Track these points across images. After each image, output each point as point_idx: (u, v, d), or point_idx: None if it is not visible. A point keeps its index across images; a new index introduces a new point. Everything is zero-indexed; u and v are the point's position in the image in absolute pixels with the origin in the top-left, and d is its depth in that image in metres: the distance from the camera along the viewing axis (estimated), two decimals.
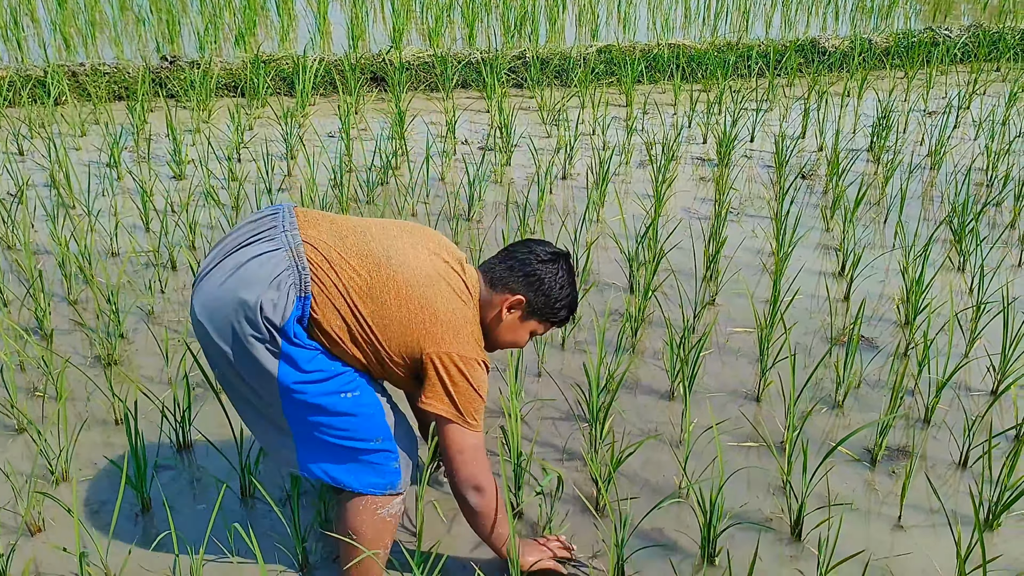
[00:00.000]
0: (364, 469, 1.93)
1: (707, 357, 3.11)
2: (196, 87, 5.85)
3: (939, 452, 2.62)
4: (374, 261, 1.86)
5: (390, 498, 1.97)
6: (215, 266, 1.86)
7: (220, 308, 1.81)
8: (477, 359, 1.90)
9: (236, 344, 1.81)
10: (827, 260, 3.86)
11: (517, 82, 6.57)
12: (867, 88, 6.32)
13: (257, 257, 1.82)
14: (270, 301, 1.78)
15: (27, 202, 4.33)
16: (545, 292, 2.00)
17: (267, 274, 1.79)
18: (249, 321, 1.78)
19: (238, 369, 1.85)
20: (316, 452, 1.92)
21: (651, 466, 2.55)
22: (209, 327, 1.83)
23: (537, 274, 1.99)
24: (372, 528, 1.96)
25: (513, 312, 2.01)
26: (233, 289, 1.80)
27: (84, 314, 3.39)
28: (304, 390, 1.83)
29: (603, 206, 4.34)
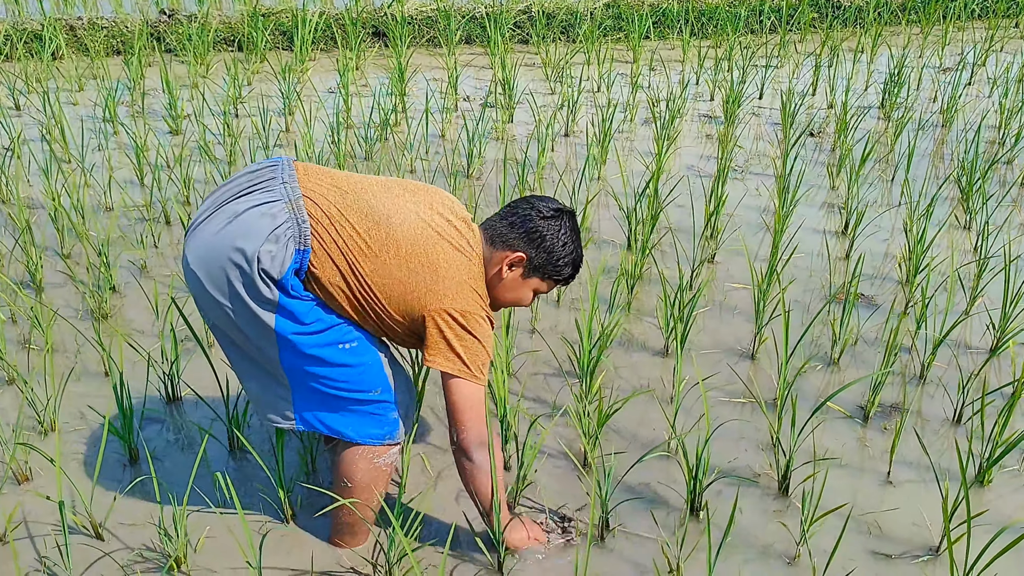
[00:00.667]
0: (363, 420, 1.92)
1: (704, 314, 3.07)
2: (193, 41, 5.78)
3: (933, 409, 2.58)
4: (374, 218, 1.81)
5: (387, 448, 1.96)
6: (210, 215, 1.81)
7: (215, 258, 1.77)
8: (480, 314, 1.85)
9: (232, 294, 1.78)
10: (832, 218, 3.79)
11: (523, 38, 6.46)
12: (881, 44, 6.17)
13: (256, 207, 1.77)
14: (268, 253, 1.73)
15: (22, 157, 4.31)
16: (547, 249, 1.93)
17: (266, 225, 1.75)
18: (245, 272, 1.75)
19: (234, 319, 1.81)
20: (313, 403, 1.90)
21: (642, 422, 2.53)
22: (203, 277, 1.79)
23: (539, 230, 1.92)
24: (367, 476, 1.96)
25: (514, 270, 1.94)
26: (230, 239, 1.76)
27: (76, 268, 3.37)
28: (302, 341, 1.81)
29: (604, 163, 4.27)
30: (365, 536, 2.08)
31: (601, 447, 2.41)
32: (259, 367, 1.91)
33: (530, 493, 2.25)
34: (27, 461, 2.33)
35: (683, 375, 2.72)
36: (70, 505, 2.20)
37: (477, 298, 1.86)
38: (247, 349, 1.88)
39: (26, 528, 2.14)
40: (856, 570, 2.01)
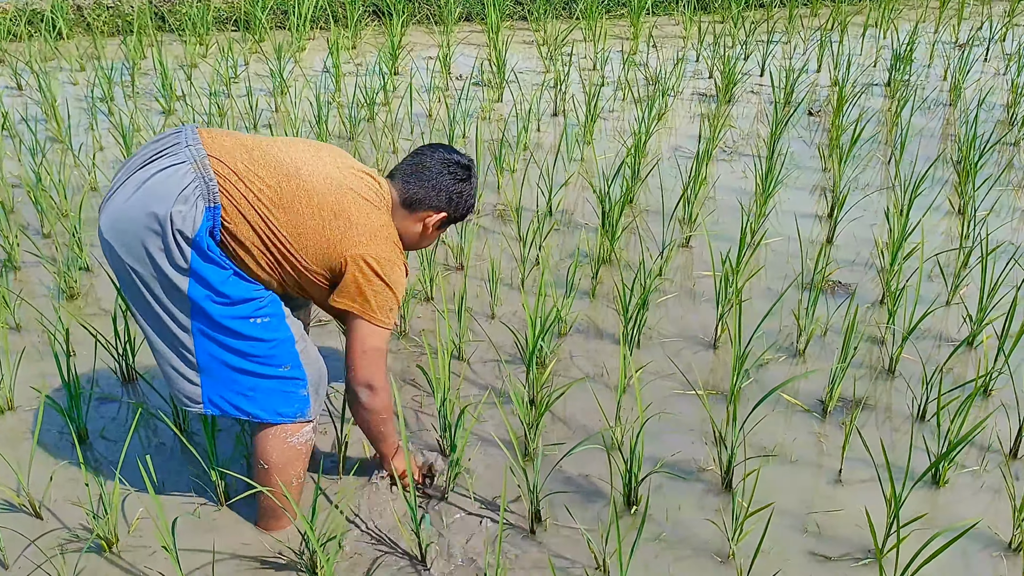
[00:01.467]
0: (271, 398, 1.93)
1: (670, 301, 2.99)
2: (194, 21, 5.77)
3: (898, 405, 2.49)
4: (283, 171, 1.85)
5: (299, 426, 1.98)
6: (120, 186, 1.82)
7: (129, 226, 1.78)
8: (397, 261, 1.94)
9: (147, 261, 1.79)
10: (820, 201, 3.67)
11: (523, 15, 6.35)
12: (896, 18, 5.95)
13: (163, 171, 1.78)
14: (179, 213, 1.75)
15: (16, 136, 4.35)
16: (463, 206, 2.12)
17: (174, 186, 1.76)
18: (159, 235, 1.76)
19: (150, 288, 1.82)
20: (222, 383, 1.90)
21: (589, 412, 2.48)
22: (117, 246, 1.80)
23: (459, 192, 2.08)
24: (282, 456, 1.97)
25: (435, 228, 2.11)
26: (141, 205, 1.77)
27: (53, 248, 3.40)
28: (214, 311, 1.82)
29: (589, 143, 4.18)
30: (290, 520, 2.07)
31: (544, 437, 2.37)
32: (172, 346, 1.89)
33: (464, 481, 2.21)
34: None
35: (643, 363, 2.67)
36: (12, 484, 2.22)
37: (392, 246, 1.95)
38: (160, 326, 1.87)
39: None
40: (789, 571, 1.95)
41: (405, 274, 2.00)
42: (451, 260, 3.26)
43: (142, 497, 2.19)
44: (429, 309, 2.96)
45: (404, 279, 1.98)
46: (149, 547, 2.05)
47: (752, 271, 3.09)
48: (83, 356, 2.74)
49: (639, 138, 3.52)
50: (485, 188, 3.78)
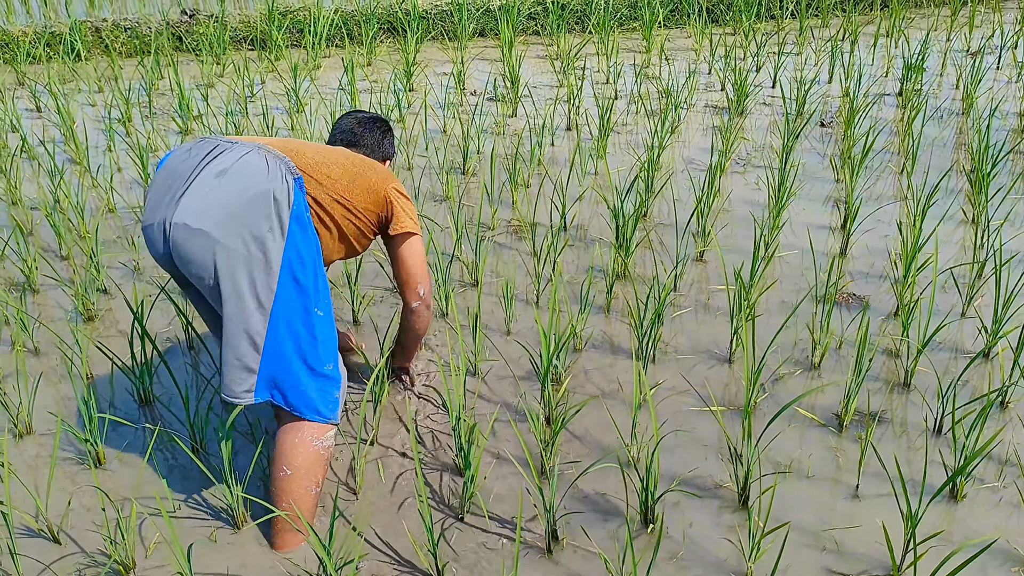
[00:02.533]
0: (311, 395, 2.04)
1: (685, 316, 2.99)
2: (211, 40, 5.85)
3: (914, 418, 2.47)
4: (315, 148, 2.20)
5: (326, 428, 2.07)
6: (188, 184, 1.95)
7: (225, 209, 1.92)
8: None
9: (247, 239, 1.92)
10: (832, 213, 3.66)
11: (536, 30, 6.38)
12: (907, 27, 5.93)
13: (238, 160, 1.98)
14: (278, 189, 1.96)
15: (36, 158, 4.41)
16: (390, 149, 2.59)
17: (259, 168, 1.98)
18: (263, 211, 1.93)
19: (240, 268, 1.92)
20: (279, 368, 2.00)
21: (605, 429, 2.48)
22: (212, 230, 1.90)
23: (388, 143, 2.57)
24: (306, 460, 2.04)
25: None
26: (237, 188, 1.94)
27: (71, 270, 3.44)
28: (292, 292, 1.98)
29: (602, 157, 4.19)
30: (304, 535, 2.09)
31: (560, 455, 2.37)
32: (243, 329, 1.96)
33: (478, 499, 2.22)
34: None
35: (659, 379, 2.66)
36: (31, 509, 2.24)
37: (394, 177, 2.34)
38: (238, 308, 1.94)
39: None
40: None
41: None
42: (466, 276, 3.28)
43: (159, 521, 2.21)
44: (444, 326, 2.98)
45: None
46: (167, 571, 2.07)
47: (766, 284, 3.08)
48: (100, 378, 2.77)
49: (653, 152, 3.52)
50: (499, 204, 3.80)
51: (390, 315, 3.06)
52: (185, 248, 1.93)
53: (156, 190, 2.00)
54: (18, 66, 5.79)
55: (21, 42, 6.10)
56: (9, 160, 4.34)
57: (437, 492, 2.26)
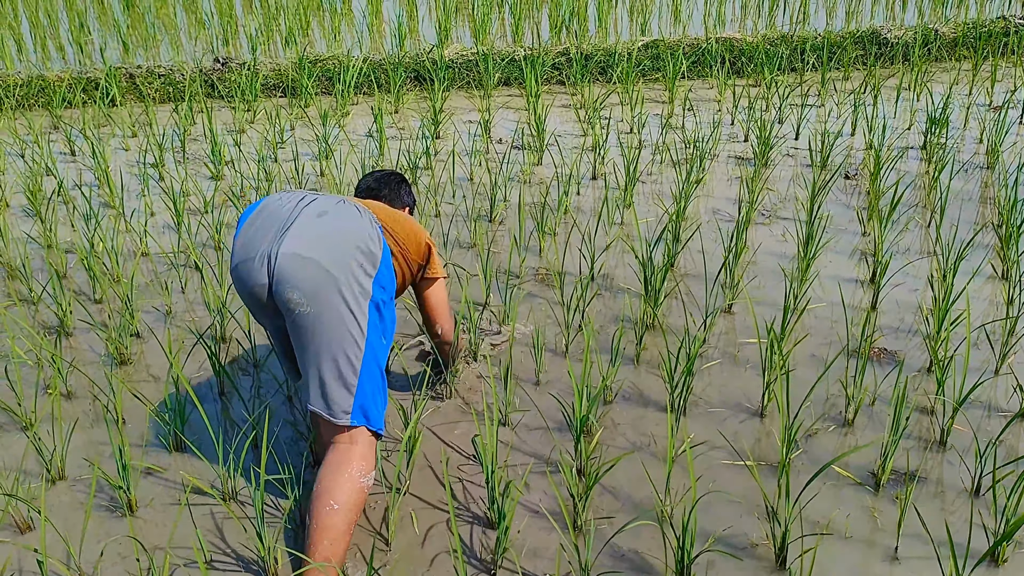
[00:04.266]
0: (381, 411, 2.26)
1: (714, 368, 2.98)
2: (243, 88, 5.97)
3: (951, 478, 2.44)
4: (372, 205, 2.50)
5: (370, 465, 2.18)
6: (292, 222, 2.20)
7: (333, 243, 2.18)
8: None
9: (350, 271, 2.17)
10: (860, 266, 3.66)
11: (560, 79, 6.48)
12: (928, 81, 5.98)
13: (337, 204, 2.29)
14: (371, 233, 2.26)
15: (71, 201, 4.50)
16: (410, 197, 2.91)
17: (354, 214, 2.29)
18: (362, 248, 2.21)
19: (341, 297, 2.14)
20: (372, 390, 2.22)
21: (638, 483, 2.46)
22: (322, 259, 2.14)
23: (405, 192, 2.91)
24: (351, 496, 2.10)
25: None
26: (340, 228, 2.22)
27: (105, 313, 3.48)
28: (377, 321, 2.23)
29: (628, 207, 4.23)
30: None
31: (592, 508, 2.35)
32: (342, 355, 2.16)
33: (511, 555, 2.20)
34: (28, 511, 2.40)
35: (690, 432, 2.65)
36: (63, 556, 2.24)
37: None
38: (338, 335, 2.15)
39: None
40: None
41: None
42: (494, 325, 3.29)
43: (191, 572, 2.21)
44: (475, 376, 2.98)
45: None
46: None
47: (797, 338, 3.08)
48: (133, 423, 2.79)
49: (680, 203, 3.55)
50: (527, 252, 3.83)
51: (421, 364, 3.06)
52: (294, 275, 2.13)
53: (255, 229, 2.23)
54: (54, 110, 5.93)
55: (57, 87, 6.26)
56: (45, 204, 4.43)
57: (468, 546, 2.24)
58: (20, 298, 3.62)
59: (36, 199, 4.29)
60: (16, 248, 4.03)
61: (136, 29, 8.17)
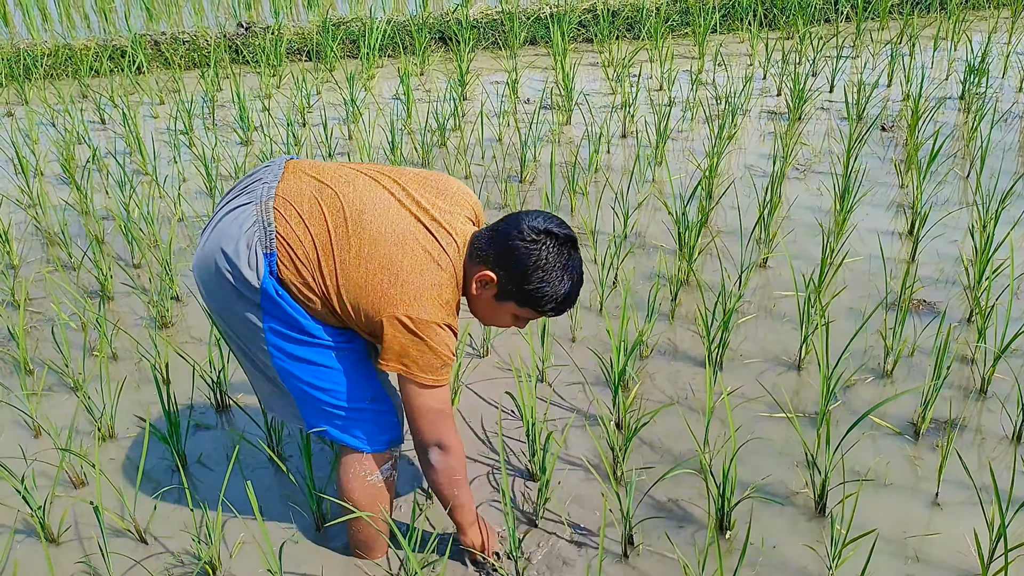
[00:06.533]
0: (366, 426, 1.92)
1: (751, 322, 2.98)
2: (267, 52, 5.97)
3: (992, 426, 2.43)
4: (343, 216, 1.76)
5: (377, 461, 1.95)
6: (210, 221, 1.89)
7: (207, 263, 1.82)
8: (437, 322, 1.74)
9: (226, 299, 1.82)
10: (898, 219, 3.61)
11: (587, 37, 6.40)
12: (966, 29, 5.83)
13: (232, 211, 1.81)
14: (244, 257, 1.75)
15: (103, 170, 4.55)
16: (521, 276, 1.74)
17: (237, 229, 1.78)
18: (232, 275, 1.77)
19: (231, 324, 1.86)
20: (317, 412, 1.91)
21: (676, 435, 2.47)
22: (200, 282, 1.86)
23: (515, 253, 1.73)
24: (363, 494, 1.97)
25: (487, 289, 1.80)
26: (215, 243, 1.80)
27: (144, 277, 3.54)
28: (289, 348, 1.82)
29: (660, 164, 4.19)
30: (383, 550, 2.11)
31: (631, 460, 2.37)
32: (263, 375, 1.93)
33: (553, 506, 2.23)
34: (82, 466, 2.47)
35: (728, 385, 2.66)
36: (118, 509, 2.31)
37: (437, 306, 1.74)
38: (249, 356, 1.91)
39: (76, 531, 2.26)
40: None
41: (452, 335, 1.79)
42: None
43: (241, 522, 2.26)
44: (511, 335, 3.00)
45: (449, 340, 1.77)
46: (252, 571, 2.11)
47: (834, 291, 3.05)
48: (178, 383, 2.85)
49: (713, 159, 3.51)
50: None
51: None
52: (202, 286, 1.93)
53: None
54: (82, 79, 5.97)
55: (84, 56, 6.29)
56: (79, 171, 4.48)
57: (512, 497, 2.28)
58: (61, 263, 3.68)
59: (70, 167, 4.34)
60: (55, 215, 4.09)
61: None
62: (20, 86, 5.79)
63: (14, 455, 2.53)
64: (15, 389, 2.85)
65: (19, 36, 7.15)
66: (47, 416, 2.72)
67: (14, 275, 3.60)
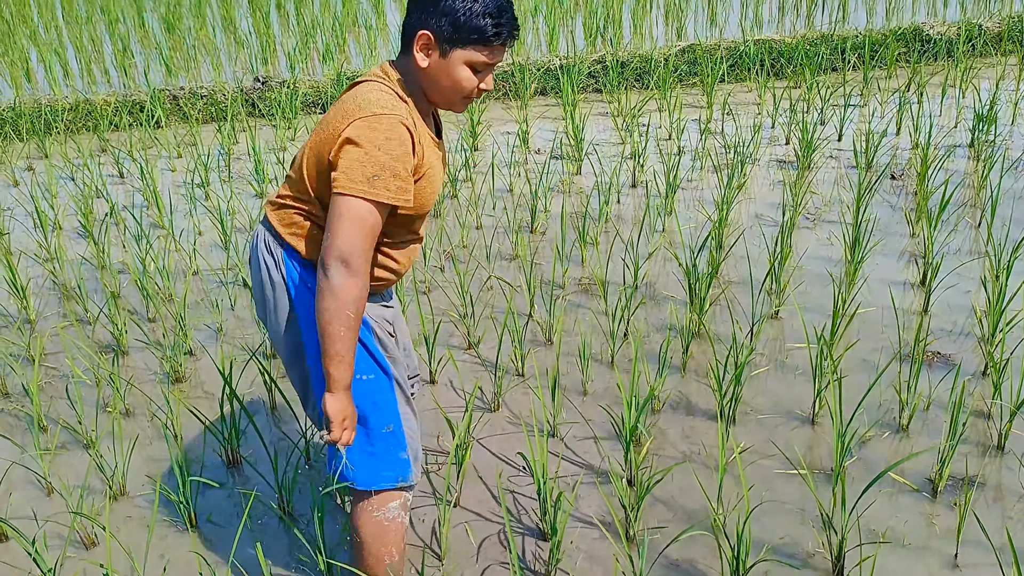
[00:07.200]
0: (374, 461, 1.91)
1: (763, 375, 2.96)
2: (283, 105, 6.08)
3: (1011, 483, 2.39)
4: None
5: (386, 498, 1.94)
6: None
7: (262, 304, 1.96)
8: (382, 112, 1.67)
9: (275, 320, 1.93)
10: (910, 269, 3.60)
11: (597, 87, 6.49)
12: (974, 77, 5.87)
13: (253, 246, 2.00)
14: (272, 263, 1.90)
15: (122, 222, 4.62)
16: (446, 11, 1.69)
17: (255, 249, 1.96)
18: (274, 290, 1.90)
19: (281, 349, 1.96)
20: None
21: (689, 492, 2.45)
22: (256, 299, 1.97)
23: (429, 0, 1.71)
24: (371, 532, 1.96)
25: (432, 51, 1.73)
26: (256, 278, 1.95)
27: (158, 332, 3.57)
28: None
29: (670, 214, 4.21)
30: None
31: (643, 519, 2.35)
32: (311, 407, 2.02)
33: (565, 566, 2.20)
34: (93, 527, 2.46)
35: (741, 440, 2.63)
36: (128, 571, 2.30)
37: (377, 111, 1.67)
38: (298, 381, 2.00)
39: None
40: None
41: (407, 133, 1.69)
42: (540, 336, 3.30)
43: None
44: (522, 387, 3.00)
45: (397, 135, 1.67)
46: None
47: (847, 343, 3.04)
48: (189, 439, 2.86)
49: (723, 209, 3.53)
50: (570, 262, 3.84)
51: (470, 376, 3.09)
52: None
53: None
54: (101, 133, 6.10)
55: (104, 111, 6.43)
56: (97, 225, 4.55)
57: (522, 557, 2.25)
58: (77, 318, 3.72)
59: (88, 221, 4.41)
60: (71, 270, 4.14)
61: (177, 51, 8.36)
62: (41, 140, 5.92)
63: (26, 515, 2.54)
64: (28, 446, 2.87)
65: (41, 91, 7.33)
66: (59, 474, 2.73)
67: (31, 330, 3.65)
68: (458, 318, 3.45)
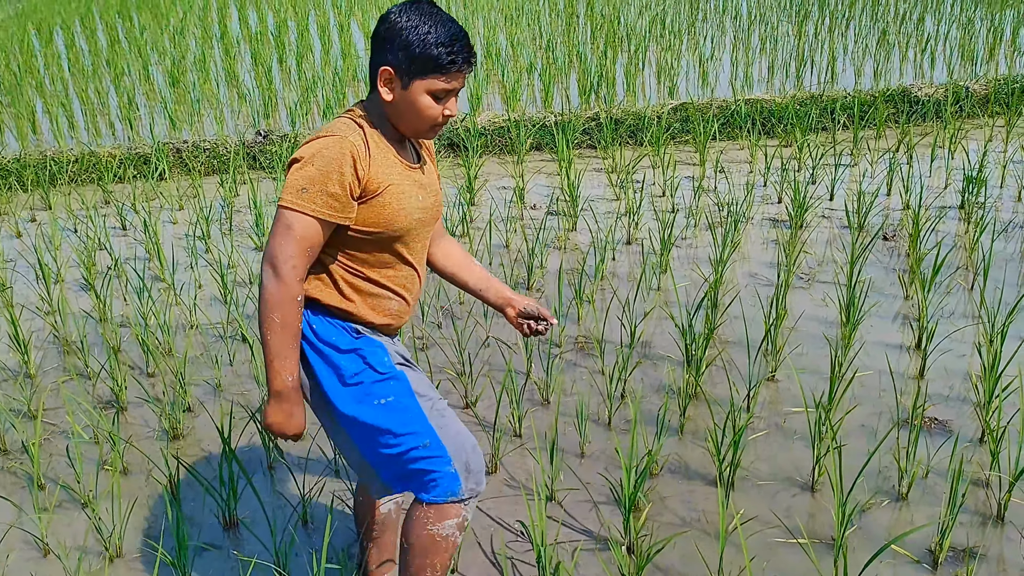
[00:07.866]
0: (421, 477, 1.91)
1: (761, 439, 2.97)
2: (283, 160, 6.16)
3: (1012, 555, 2.40)
4: None
5: (443, 511, 1.91)
6: None
7: None
8: (326, 134, 1.80)
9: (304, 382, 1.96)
10: (905, 332, 3.64)
11: (591, 144, 6.60)
12: (962, 138, 6.00)
13: None
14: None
15: (122, 276, 4.64)
16: (402, 46, 1.80)
17: None
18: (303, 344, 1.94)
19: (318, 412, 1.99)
20: (387, 467, 1.93)
21: (690, 561, 2.45)
22: None
23: (385, 37, 1.82)
24: (421, 542, 1.93)
25: (394, 83, 1.84)
26: None
27: (158, 387, 3.57)
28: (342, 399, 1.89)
29: (665, 273, 4.26)
30: None
31: None
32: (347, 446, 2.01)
33: None
34: None
35: (740, 507, 2.64)
36: None
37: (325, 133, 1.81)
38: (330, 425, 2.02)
39: None
40: None
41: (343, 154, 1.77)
42: (537, 395, 3.32)
43: None
44: (519, 450, 3.00)
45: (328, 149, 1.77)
46: None
47: (844, 407, 3.06)
48: (187, 499, 2.84)
49: (718, 271, 3.58)
50: (565, 319, 3.87)
51: None
52: None
53: None
54: (105, 185, 6.15)
55: (108, 163, 6.51)
56: (99, 278, 4.57)
57: None
58: (77, 372, 3.72)
59: (91, 273, 4.44)
60: (73, 323, 4.15)
61: (181, 104, 8.48)
62: (45, 192, 5.97)
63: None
64: (26, 505, 2.85)
65: (46, 143, 7.41)
66: (57, 535, 2.71)
67: (31, 385, 3.64)
68: (455, 376, 3.46)
